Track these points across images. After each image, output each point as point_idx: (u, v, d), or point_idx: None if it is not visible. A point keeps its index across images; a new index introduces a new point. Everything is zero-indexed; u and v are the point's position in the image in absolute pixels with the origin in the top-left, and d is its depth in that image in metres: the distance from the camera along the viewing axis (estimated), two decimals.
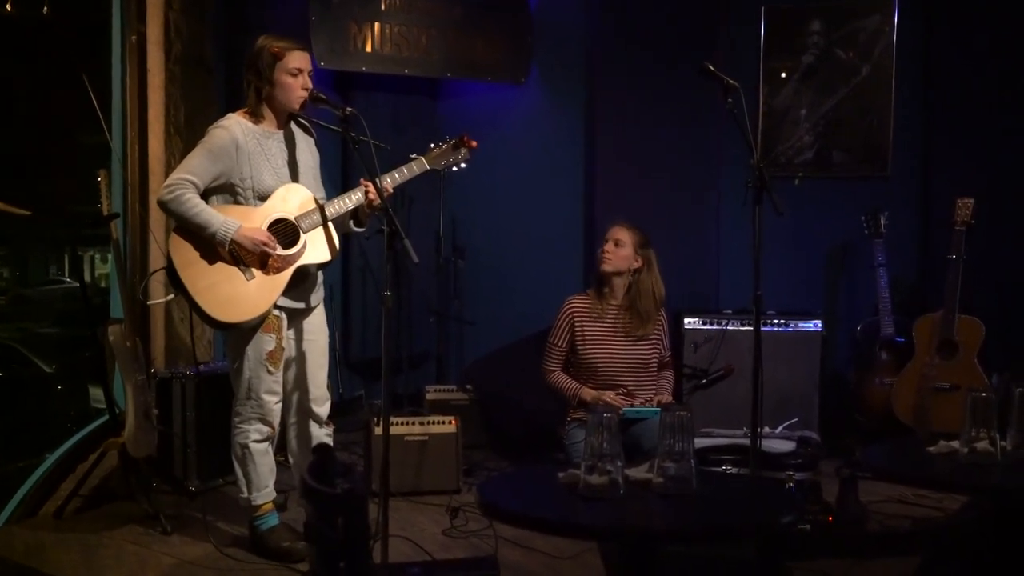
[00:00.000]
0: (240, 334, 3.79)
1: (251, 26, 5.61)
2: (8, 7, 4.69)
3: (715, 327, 5.49)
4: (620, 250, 4.64)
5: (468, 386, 5.82)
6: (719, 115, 5.37)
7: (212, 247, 3.68)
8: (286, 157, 3.86)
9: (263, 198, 3.76)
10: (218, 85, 5.58)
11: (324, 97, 3.81)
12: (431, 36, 6.01)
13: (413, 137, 5.68)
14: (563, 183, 6.22)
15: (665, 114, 5.97)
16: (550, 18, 6.22)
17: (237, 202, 3.76)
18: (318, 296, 4.00)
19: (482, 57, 6.16)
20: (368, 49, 5.88)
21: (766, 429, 5.01)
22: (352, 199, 3.87)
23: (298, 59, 3.78)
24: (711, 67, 3.95)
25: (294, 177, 3.86)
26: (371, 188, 3.78)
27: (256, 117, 3.81)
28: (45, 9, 4.84)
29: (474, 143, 4.08)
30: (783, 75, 6.09)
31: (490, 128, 6.11)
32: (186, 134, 5.32)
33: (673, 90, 5.90)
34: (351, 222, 3.99)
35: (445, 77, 6.19)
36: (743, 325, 5.42)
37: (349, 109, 3.65)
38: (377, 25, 5.88)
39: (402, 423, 4.78)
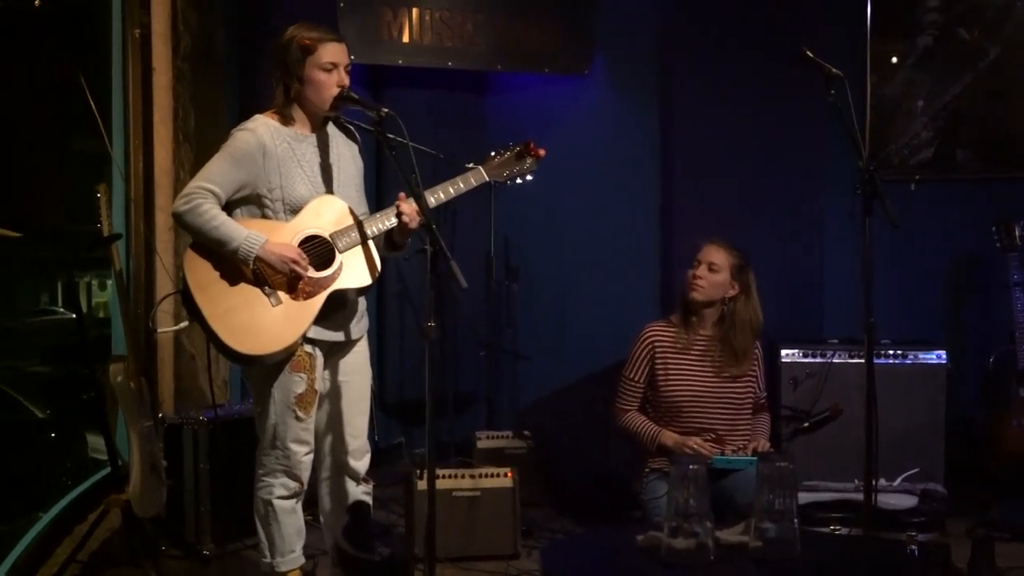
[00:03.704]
0: (264, 371, 3.80)
1: (269, 15, 5.70)
2: None
3: (818, 360, 5.44)
4: (714, 275, 4.61)
5: (525, 432, 5.81)
6: (820, 109, 5.32)
7: (234, 266, 3.70)
8: (321, 164, 3.87)
9: (295, 211, 3.78)
10: (231, 85, 5.66)
11: (355, 96, 3.81)
12: (478, 22, 6.05)
13: (457, 140, 5.73)
14: (635, 192, 6.21)
15: (755, 109, 5.95)
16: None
17: (265, 216, 3.78)
18: (360, 327, 4.00)
19: (537, 45, 6.18)
20: (405, 39, 5.92)
21: (882, 481, 4.96)
22: (391, 218, 3.87)
23: (332, 52, 3.79)
24: (810, 53, 3.94)
25: (330, 187, 3.86)
26: (405, 207, 3.80)
27: (286, 119, 3.83)
28: (37, 0, 4.94)
29: (541, 151, 4.06)
30: (894, 60, 6.05)
31: (547, 128, 6.13)
32: (196, 142, 5.39)
33: (764, 80, 5.88)
34: (385, 246, 4.00)
35: (494, 70, 6.22)
36: (852, 357, 5.37)
37: (385, 110, 3.66)
38: (415, 11, 5.93)
39: (449, 476, 4.78)
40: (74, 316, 4.80)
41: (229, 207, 3.77)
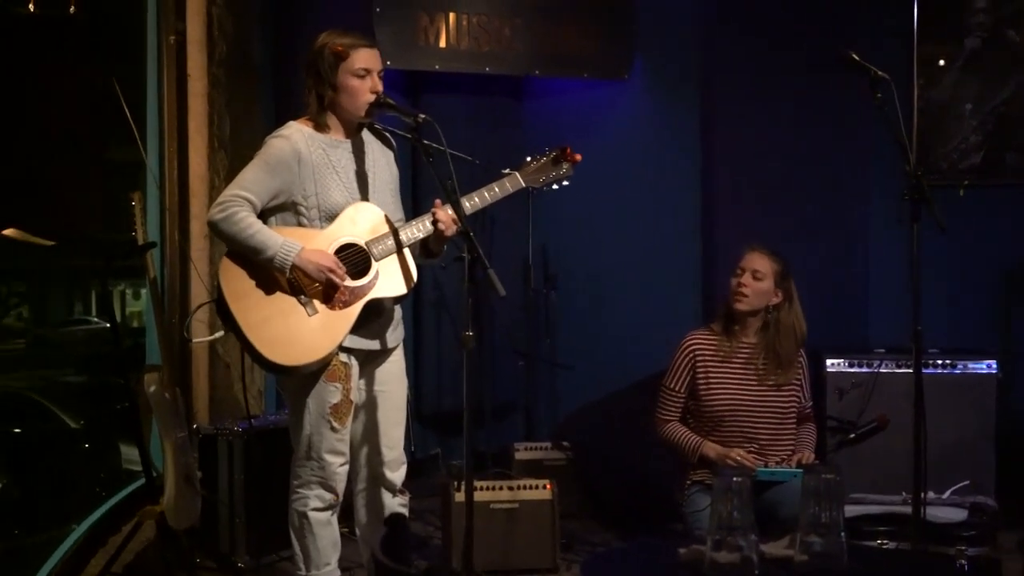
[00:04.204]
0: (300, 381, 3.82)
1: (303, 20, 5.73)
2: (30, 6, 4.84)
3: (865, 370, 5.42)
4: (759, 283, 4.59)
5: (564, 443, 5.80)
6: (865, 113, 5.32)
7: (269, 275, 3.71)
8: (356, 171, 3.89)
9: (331, 218, 3.79)
10: (266, 91, 5.69)
11: (391, 102, 3.82)
12: (515, 27, 6.06)
13: (494, 146, 5.74)
14: (675, 197, 6.20)
15: (798, 112, 5.93)
16: (656, 2, 6.23)
17: (300, 223, 3.80)
18: (396, 336, 4.01)
19: (576, 50, 6.19)
20: (442, 44, 5.94)
21: (930, 494, 4.91)
22: (427, 225, 3.88)
23: (365, 58, 3.80)
24: (855, 56, 3.92)
25: (365, 194, 3.88)
26: (441, 215, 3.81)
27: (320, 126, 3.84)
28: (72, 8, 4.98)
29: (578, 156, 4.07)
30: (941, 63, 6.01)
31: (586, 133, 6.14)
32: (232, 149, 5.42)
33: (807, 83, 5.86)
34: (420, 253, 4.00)
35: (532, 74, 6.22)
36: (899, 367, 5.34)
37: (422, 116, 3.68)
38: (452, 16, 5.95)
39: (487, 488, 4.78)
40: (108, 325, 4.82)
41: (264, 215, 3.79)
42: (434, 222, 3.82)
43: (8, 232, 4.62)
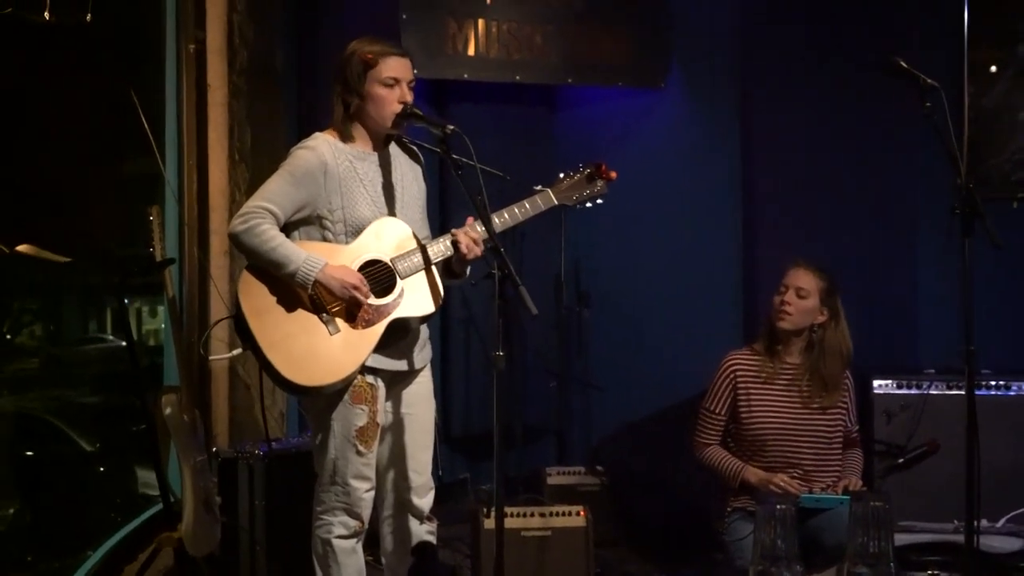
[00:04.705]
0: (323, 403, 3.82)
1: (328, 29, 5.76)
2: (46, 14, 4.88)
3: (914, 391, 5.40)
4: (803, 301, 4.58)
5: (598, 467, 5.79)
6: (913, 123, 5.30)
7: (291, 291, 3.72)
8: (383, 184, 3.90)
9: (356, 233, 3.80)
10: (289, 102, 5.72)
11: (419, 113, 3.83)
12: (547, 34, 6.07)
13: (526, 158, 5.75)
14: (714, 212, 6.18)
15: (842, 122, 5.93)
16: (693, 6, 6.23)
17: (325, 238, 3.81)
18: (423, 356, 4.01)
19: (610, 57, 6.19)
20: (470, 52, 5.95)
21: (984, 522, 4.88)
22: (448, 245, 3.87)
23: (394, 66, 3.81)
24: (903, 63, 3.91)
25: (392, 209, 3.89)
26: (462, 236, 3.80)
27: (346, 137, 3.86)
28: (88, 16, 5.02)
29: (613, 174, 4.07)
30: (993, 69, 5.99)
31: (621, 144, 6.14)
32: (253, 161, 5.44)
33: (852, 92, 5.86)
34: (443, 273, 3.99)
35: (565, 83, 6.23)
36: (950, 388, 5.33)
37: (451, 127, 3.68)
38: (481, 22, 5.96)
39: (518, 514, 4.77)
40: (123, 343, 4.85)
41: (287, 228, 3.80)
42: (454, 243, 3.83)
43: (22, 248, 4.65)
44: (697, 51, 6.22)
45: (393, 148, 3.98)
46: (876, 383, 5.43)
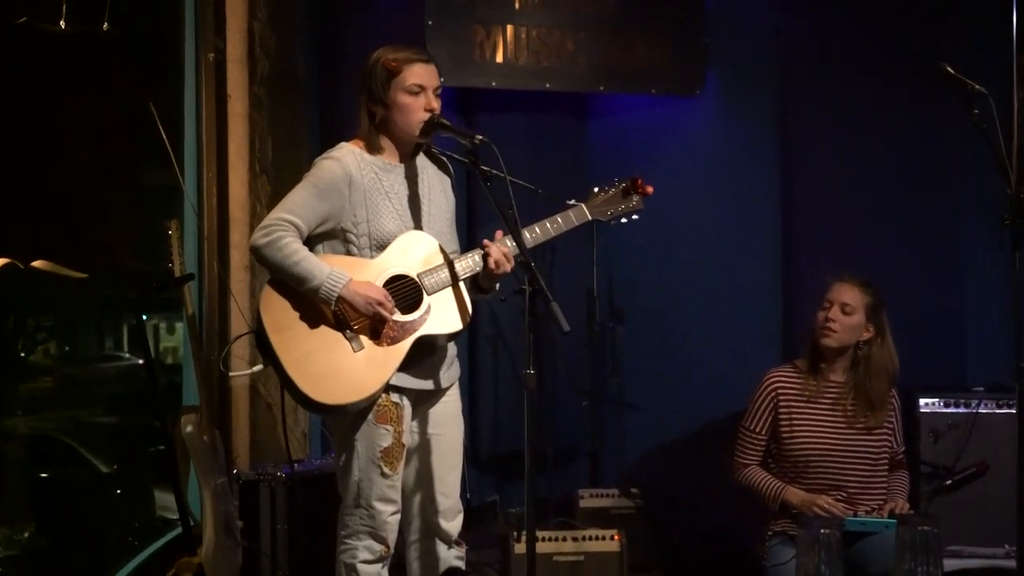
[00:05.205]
0: (347, 423, 3.83)
1: (352, 37, 5.78)
2: (61, 23, 4.93)
3: (962, 410, 5.36)
4: (848, 318, 4.57)
5: (633, 489, 5.78)
6: (960, 130, 5.27)
7: (314, 306, 3.73)
8: (410, 197, 3.90)
9: (382, 247, 3.81)
10: (312, 112, 5.74)
11: (446, 122, 3.84)
12: (578, 40, 6.06)
13: (556, 167, 5.76)
14: (753, 223, 6.17)
15: (887, 129, 5.90)
16: (730, 11, 6.22)
17: (349, 252, 3.82)
18: (451, 375, 4.02)
19: (644, 64, 6.18)
20: (499, 59, 5.95)
21: None
22: (477, 260, 3.87)
23: (419, 73, 3.83)
24: (950, 68, 3.91)
25: (418, 222, 3.90)
26: (493, 250, 3.81)
27: (372, 147, 3.87)
28: (105, 25, 5.06)
29: (649, 188, 4.07)
30: None
31: (655, 154, 6.13)
32: (274, 174, 5.47)
33: (897, 98, 5.83)
34: (471, 289, 3.99)
35: (597, 91, 6.23)
36: (1000, 407, 5.28)
37: (479, 137, 3.69)
38: (510, 28, 5.96)
39: (549, 539, 4.78)
40: (141, 362, 4.88)
41: (310, 242, 3.81)
42: (484, 257, 3.83)
43: (37, 264, 4.70)
44: (734, 57, 6.21)
45: (421, 159, 3.99)
46: (922, 401, 5.39)
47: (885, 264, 5.63)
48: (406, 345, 3.79)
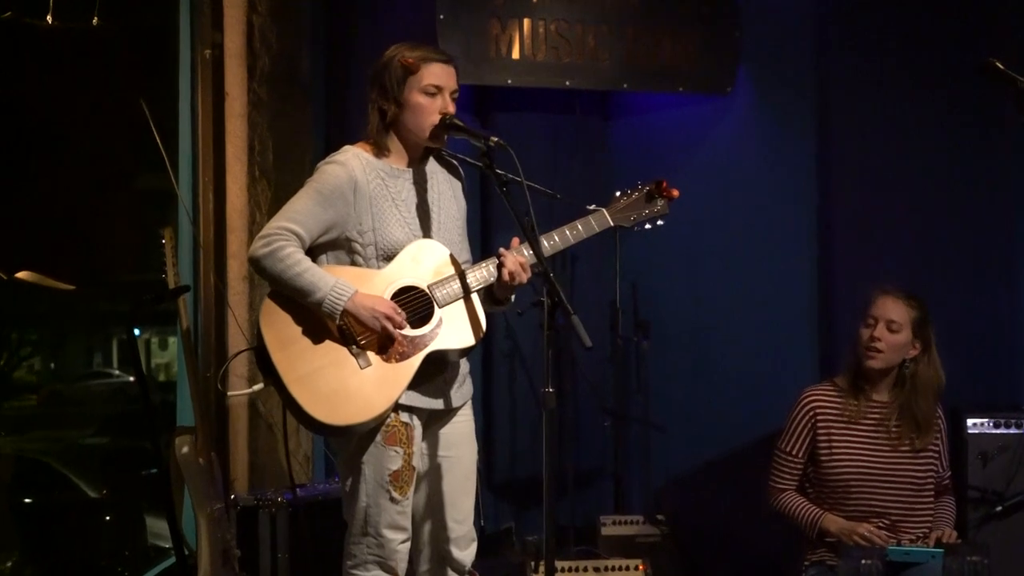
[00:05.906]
0: (353, 444, 3.82)
1: (361, 33, 5.78)
2: (48, 17, 4.95)
3: (1013, 431, 5.36)
4: (895, 336, 4.55)
5: (659, 516, 5.78)
6: (1010, 131, 5.27)
7: (318, 320, 3.73)
8: (418, 204, 3.91)
9: (389, 257, 3.81)
10: (317, 113, 5.75)
11: (460, 124, 3.85)
12: (601, 35, 6.05)
13: (577, 170, 5.77)
14: (787, 231, 6.15)
15: (931, 131, 5.89)
16: (762, 4, 6.22)
17: (354, 262, 3.82)
18: (463, 393, 4.02)
19: (670, 60, 6.16)
20: (515, 55, 5.94)
21: None
22: (492, 270, 3.87)
23: (437, 73, 3.83)
24: (999, 64, 3.89)
25: (428, 230, 3.90)
26: (509, 259, 3.80)
27: (380, 150, 3.88)
28: (95, 19, 5.08)
29: (675, 192, 4.07)
30: None
31: (682, 157, 6.13)
32: (275, 178, 5.48)
33: (941, 98, 5.82)
34: (486, 300, 3.99)
35: (620, 89, 6.22)
36: None
37: (495, 139, 3.68)
38: (527, 23, 5.95)
39: (570, 568, 4.78)
40: (131, 379, 4.89)
41: (314, 252, 3.81)
42: (499, 267, 3.83)
43: (22, 275, 4.71)
44: (768, 52, 6.19)
45: (431, 163, 3.99)
46: (970, 422, 5.38)
47: (928, 273, 5.63)
48: (416, 361, 3.78)
